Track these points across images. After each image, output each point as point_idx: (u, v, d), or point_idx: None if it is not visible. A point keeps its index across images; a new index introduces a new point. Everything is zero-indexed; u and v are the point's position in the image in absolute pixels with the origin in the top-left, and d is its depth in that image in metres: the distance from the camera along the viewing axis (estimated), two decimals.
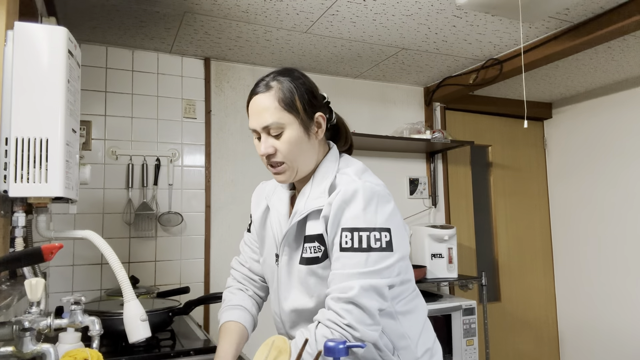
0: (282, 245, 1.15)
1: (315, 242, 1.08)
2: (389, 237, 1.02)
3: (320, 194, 1.09)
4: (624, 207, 3.14)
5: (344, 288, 0.99)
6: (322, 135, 1.14)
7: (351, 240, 1.01)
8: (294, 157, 1.09)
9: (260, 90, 1.10)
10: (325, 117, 1.14)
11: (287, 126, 1.08)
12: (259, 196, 1.30)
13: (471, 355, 2.61)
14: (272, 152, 1.09)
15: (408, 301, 1.16)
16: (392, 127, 3.04)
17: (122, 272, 1.14)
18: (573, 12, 2.08)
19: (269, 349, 0.92)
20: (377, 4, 2.01)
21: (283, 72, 1.12)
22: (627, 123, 3.15)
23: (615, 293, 3.18)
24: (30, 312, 0.97)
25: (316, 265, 1.08)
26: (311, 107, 1.11)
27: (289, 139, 1.08)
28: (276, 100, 1.07)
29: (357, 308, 0.97)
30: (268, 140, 1.09)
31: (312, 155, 1.13)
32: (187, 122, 2.55)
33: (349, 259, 1.01)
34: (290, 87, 1.09)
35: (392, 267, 1.03)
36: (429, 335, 1.20)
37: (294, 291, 1.14)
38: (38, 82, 1.10)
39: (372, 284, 0.99)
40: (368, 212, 1.02)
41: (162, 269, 2.43)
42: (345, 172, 1.11)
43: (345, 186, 1.05)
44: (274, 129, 1.07)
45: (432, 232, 2.76)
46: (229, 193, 2.61)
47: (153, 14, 2.07)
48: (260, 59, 2.66)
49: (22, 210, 1.17)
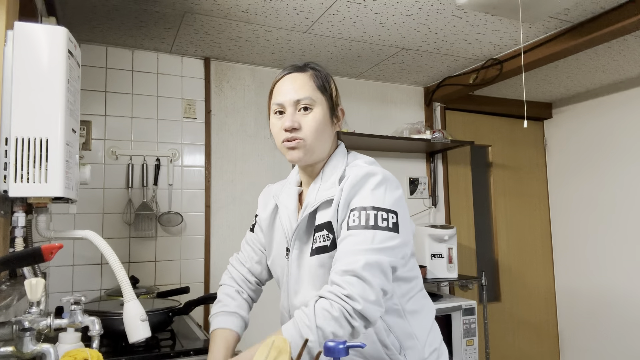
0: (293, 239, 1.15)
1: (324, 230, 1.09)
2: (395, 219, 1.03)
3: (331, 186, 1.11)
4: (624, 206, 3.14)
5: (349, 262, 0.98)
6: (339, 127, 1.19)
7: (358, 218, 1.02)
8: (315, 137, 1.12)
9: (295, 70, 1.16)
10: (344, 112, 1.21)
11: (318, 105, 1.12)
12: (266, 197, 1.32)
13: (471, 355, 2.61)
14: (297, 126, 1.11)
15: (416, 300, 1.16)
16: (392, 127, 3.04)
17: (122, 272, 1.14)
18: (573, 12, 2.08)
19: (269, 349, 0.91)
20: (377, 4, 2.01)
21: (313, 63, 1.19)
22: (627, 123, 3.15)
23: (616, 292, 3.18)
24: (30, 312, 0.97)
25: (326, 254, 1.08)
26: (337, 98, 1.19)
27: (316, 118, 1.12)
28: (312, 80, 1.14)
29: (360, 281, 0.96)
30: (295, 115, 1.12)
31: (328, 143, 1.16)
32: (187, 122, 2.55)
33: (355, 236, 1.01)
34: (324, 73, 1.18)
35: (397, 248, 1.03)
36: (436, 336, 1.20)
37: (305, 285, 1.13)
38: (38, 82, 1.10)
39: (378, 261, 0.98)
40: (377, 192, 1.04)
41: (162, 269, 2.43)
42: (355, 163, 1.14)
43: (356, 171, 1.08)
44: (305, 103, 1.11)
45: (432, 232, 2.76)
46: (229, 193, 2.61)
47: (153, 14, 2.07)
48: (260, 59, 2.66)
49: (22, 210, 1.17)
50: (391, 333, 1.09)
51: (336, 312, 0.94)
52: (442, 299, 2.68)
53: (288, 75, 1.15)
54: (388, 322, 1.10)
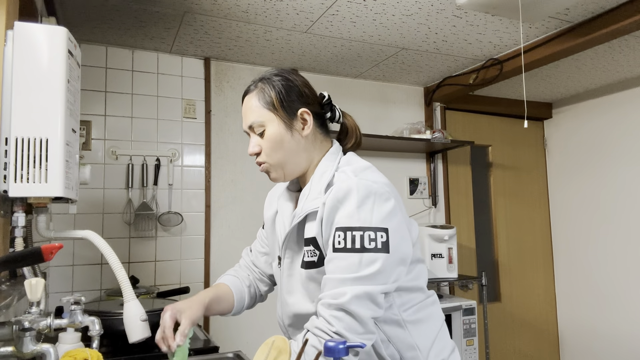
0: (284, 247, 1.12)
1: (311, 245, 1.04)
2: (385, 237, 0.96)
3: (317, 194, 1.05)
4: (624, 206, 3.14)
5: (336, 294, 0.94)
6: (308, 131, 1.10)
7: (344, 240, 0.96)
8: (276, 156, 1.10)
9: (247, 91, 1.15)
10: (311, 113, 1.11)
11: (267, 123, 1.09)
12: (271, 198, 1.29)
13: (471, 355, 2.61)
14: (257, 150, 1.11)
15: (418, 309, 1.09)
16: (392, 127, 3.04)
17: (122, 272, 1.14)
18: (573, 12, 2.08)
19: (269, 349, 0.91)
20: (377, 4, 2.01)
21: (269, 73, 1.15)
22: (627, 123, 3.15)
23: (615, 293, 3.17)
24: (30, 312, 0.97)
25: (314, 269, 1.04)
26: (291, 104, 1.10)
27: (269, 137, 1.09)
28: (257, 99, 1.11)
29: (348, 315, 0.92)
30: (254, 139, 1.12)
31: (299, 153, 1.10)
32: (187, 122, 2.55)
33: (341, 261, 0.96)
34: (269, 86, 1.12)
35: (388, 272, 0.96)
36: (444, 345, 1.13)
37: (297, 295, 1.10)
38: (38, 82, 1.10)
39: (366, 291, 0.93)
40: (363, 210, 0.96)
41: (162, 269, 2.43)
42: (344, 170, 1.06)
43: (339, 184, 1.00)
44: (256, 127, 1.10)
45: (432, 232, 2.76)
46: (229, 193, 2.61)
47: (153, 14, 2.07)
48: (260, 59, 2.66)
49: (22, 210, 1.17)
50: (390, 344, 1.04)
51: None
52: (442, 299, 2.68)
53: (243, 100, 1.15)
54: (387, 333, 1.04)
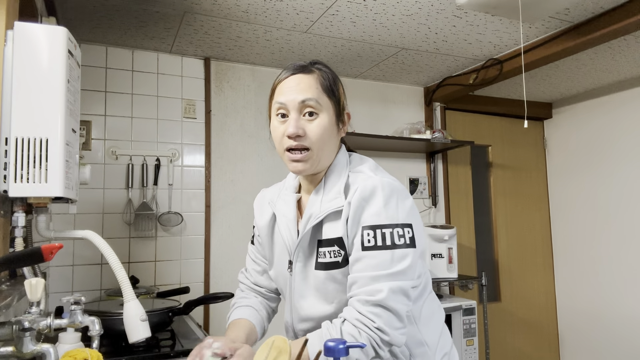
0: (296, 251, 1.08)
1: (335, 246, 1.02)
2: (411, 232, 0.98)
3: (335, 195, 1.03)
4: (624, 206, 3.14)
5: (371, 291, 0.94)
6: (344, 133, 1.11)
7: (374, 238, 0.96)
8: (321, 146, 1.03)
9: (299, 71, 1.06)
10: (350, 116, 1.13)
11: (324, 110, 1.03)
12: (261, 204, 1.22)
13: (471, 355, 2.61)
14: (302, 134, 1.01)
15: (427, 304, 1.11)
16: (392, 127, 3.04)
17: (122, 272, 1.14)
18: (573, 12, 2.08)
19: (269, 348, 0.91)
20: (377, 4, 2.01)
21: (319, 62, 1.10)
22: (627, 123, 3.15)
23: (615, 293, 3.18)
24: (30, 312, 0.97)
25: (336, 270, 1.03)
26: (344, 101, 1.11)
27: (322, 124, 1.03)
28: (318, 82, 1.04)
29: (387, 311, 0.94)
30: (300, 120, 1.02)
31: (333, 150, 1.08)
32: (187, 122, 2.55)
33: (372, 259, 0.96)
34: (332, 75, 1.08)
35: (415, 264, 0.99)
36: (446, 340, 1.16)
37: (311, 298, 1.08)
38: (38, 82, 1.10)
39: (400, 286, 0.95)
40: (389, 208, 0.98)
41: (162, 269, 2.43)
42: (359, 169, 1.06)
43: (363, 183, 1.00)
44: (311, 106, 1.02)
45: (432, 232, 2.76)
46: (229, 193, 2.61)
47: (153, 14, 2.07)
48: (260, 59, 2.66)
49: (22, 210, 1.17)
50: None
51: (364, 341, 0.93)
52: (442, 299, 2.68)
53: (291, 76, 1.05)
54: None
